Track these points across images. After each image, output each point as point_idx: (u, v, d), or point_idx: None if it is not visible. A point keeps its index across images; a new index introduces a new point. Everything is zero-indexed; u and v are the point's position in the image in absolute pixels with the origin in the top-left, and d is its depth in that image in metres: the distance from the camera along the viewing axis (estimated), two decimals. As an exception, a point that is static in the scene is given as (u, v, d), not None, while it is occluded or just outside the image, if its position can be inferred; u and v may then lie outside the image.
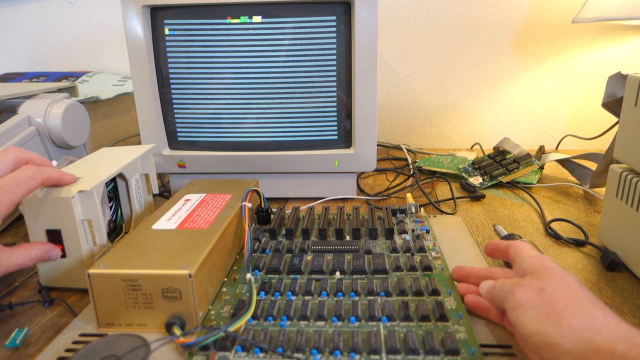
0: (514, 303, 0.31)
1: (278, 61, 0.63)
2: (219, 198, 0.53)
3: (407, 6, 0.98)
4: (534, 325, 0.29)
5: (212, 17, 0.61)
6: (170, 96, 0.65)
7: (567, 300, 0.30)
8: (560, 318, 0.28)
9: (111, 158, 0.55)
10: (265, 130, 0.66)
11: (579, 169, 0.75)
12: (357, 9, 0.58)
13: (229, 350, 0.34)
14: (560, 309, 0.29)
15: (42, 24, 1.09)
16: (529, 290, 0.31)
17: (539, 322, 0.29)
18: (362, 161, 0.65)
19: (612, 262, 0.47)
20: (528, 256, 0.36)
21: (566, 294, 0.30)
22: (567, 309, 0.29)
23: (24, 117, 0.60)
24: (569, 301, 0.29)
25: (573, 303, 0.29)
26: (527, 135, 1.04)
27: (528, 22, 0.96)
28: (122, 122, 0.93)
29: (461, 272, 0.43)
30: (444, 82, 1.02)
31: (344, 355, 0.33)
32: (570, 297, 0.30)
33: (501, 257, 0.42)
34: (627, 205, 0.46)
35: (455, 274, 0.43)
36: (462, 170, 0.78)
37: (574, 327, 0.28)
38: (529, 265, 0.35)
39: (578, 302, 0.29)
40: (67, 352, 0.35)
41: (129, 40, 0.62)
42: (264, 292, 0.41)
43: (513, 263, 0.38)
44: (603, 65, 0.96)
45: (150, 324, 0.37)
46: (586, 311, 0.29)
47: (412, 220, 0.57)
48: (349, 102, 0.63)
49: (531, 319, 0.30)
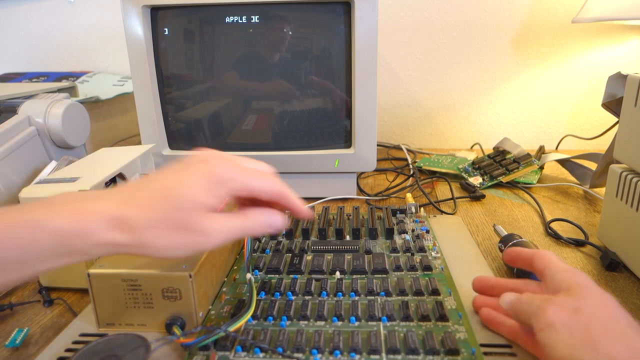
0: (545, 322, 0.29)
1: (278, 61, 0.63)
2: (219, 198, 0.53)
3: (407, 6, 0.97)
4: (566, 349, 0.27)
5: (212, 17, 0.61)
6: (170, 96, 0.65)
7: (605, 325, 0.27)
8: (598, 344, 0.26)
9: (111, 158, 0.55)
10: (265, 130, 0.66)
11: (579, 169, 0.75)
12: (357, 9, 0.58)
13: (229, 350, 0.34)
14: (597, 334, 0.26)
15: (42, 24, 1.09)
16: (562, 309, 0.28)
17: (572, 346, 0.26)
18: (362, 161, 0.65)
19: (612, 262, 0.47)
20: (561, 270, 0.33)
21: (605, 318, 0.28)
22: (606, 335, 0.26)
23: (24, 117, 0.60)
24: (607, 326, 0.27)
25: (612, 329, 0.27)
26: (527, 135, 1.04)
27: (528, 22, 0.96)
28: (122, 122, 0.93)
29: (483, 283, 0.39)
30: (444, 82, 1.02)
31: (344, 355, 0.33)
32: (609, 322, 0.27)
33: (524, 267, 0.39)
34: (627, 205, 0.46)
35: (476, 285, 0.39)
36: (462, 170, 0.78)
37: (613, 356, 0.25)
38: (562, 281, 0.32)
39: (618, 327, 0.27)
40: (67, 352, 0.35)
41: (129, 40, 0.62)
42: (264, 292, 0.41)
43: (541, 276, 0.35)
44: (603, 65, 0.96)
45: (150, 324, 0.37)
46: (627, 339, 0.26)
47: (412, 220, 0.57)
48: (349, 102, 0.63)
49: (563, 342, 0.27)
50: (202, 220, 0.30)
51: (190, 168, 0.31)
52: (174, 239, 0.29)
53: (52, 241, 0.27)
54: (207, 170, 0.30)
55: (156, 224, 0.29)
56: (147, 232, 0.28)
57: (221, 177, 0.31)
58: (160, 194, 0.29)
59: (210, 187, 0.30)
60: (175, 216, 0.29)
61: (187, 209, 0.29)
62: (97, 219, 0.28)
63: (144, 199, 0.29)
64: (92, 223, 0.28)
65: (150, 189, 0.30)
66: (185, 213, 0.29)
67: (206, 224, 0.30)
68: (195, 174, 0.30)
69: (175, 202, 0.29)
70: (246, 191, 0.32)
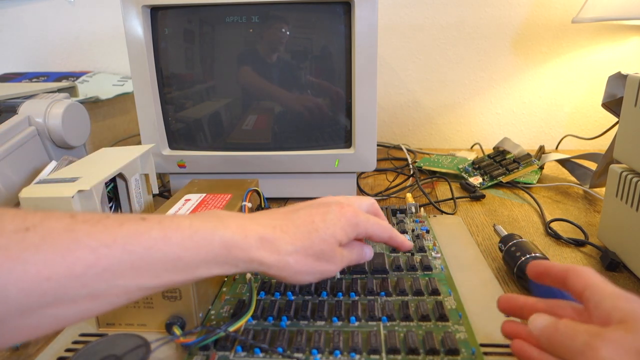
0: None
1: (278, 61, 0.63)
2: (219, 198, 0.53)
3: (407, 6, 0.97)
4: None
5: (212, 17, 0.61)
6: (170, 96, 0.65)
7: None
8: None
9: (111, 158, 0.54)
10: (265, 130, 0.66)
11: (579, 169, 0.75)
12: (357, 9, 0.58)
13: (229, 350, 0.34)
14: None
15: (42, 24, 1.09)
16: (619, 348, 0.23)
17: None
18: (362, 161, 0.65)
19: (612, 262, 0.47)
20: (610, 294, 0.27)
21: None
22: None
23: (24, 117, 0.60)
24: None
25: None
26: (527, 135, 1.04)
27: (528, 22, 0.96)
28: (122, 122, 0.93)
29: (512, 303, 0.33)
30: (444, 82, 1.02)
31: (344, 355, 0.33)
32: None
33: (554, 284, 0.32)
34: (627, 205, 0.46)
35: (503, 305, 0.33)
36: (462, 170, 0.78)
37: None
38: (614, 310, 0.26)
39: None
40: (67, 352, 0.35)
41: (129, 40, 0.62)
42: (264, 292, 0.41)
43: (580, 298, 0.29)
44: (603, 65, 0.96)
45: (150, 324, 0.37)
46: None
47: (412, 220, 0.57)
48: (349, 102, 0.63)
49: None
50: (334, 252, 0.35)
51: (331, 207, 0.36)
52: (310, 265, 0.34)
53: (219, 249, 0.30)
54: (344, 214, 0.36)
55: (300, 250, 0.33)
56: (290, 257, 0.32)
57: (355, 223, 0.36)
58: (307, 226, 0.34)
59: (345, 228, 0.35)
60: (317, 247, 0.34)
61: (327, 242, 0.34)
62: (256, 236, 0.32)
63: (293, 228, 0.33)
64: (252, 239, 0.31)
65: (298, 219, 0.34)
66: (325, 245, 0.34)
67: (337, 255, 0.35)
68: (335, 214, 0.35)
69: (319, 235, 0.34)
70: (367, 235, 0.38)
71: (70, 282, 0.25)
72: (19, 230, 0.24)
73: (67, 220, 0.26)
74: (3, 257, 0.23)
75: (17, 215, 0.25)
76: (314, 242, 0.33)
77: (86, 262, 0.25)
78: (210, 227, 0.30)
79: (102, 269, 0.25)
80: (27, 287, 0.23)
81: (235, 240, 0.30)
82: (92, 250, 0.25)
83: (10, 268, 0.23)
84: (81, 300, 0.25)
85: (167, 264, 0.28)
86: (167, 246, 0.28)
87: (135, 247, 0.27)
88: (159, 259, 0.27)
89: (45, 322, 0.25)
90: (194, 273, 0.29)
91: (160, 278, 0.28)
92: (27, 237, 0.24)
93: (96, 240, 0.26)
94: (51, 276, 0.24)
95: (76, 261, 0.25)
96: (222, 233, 0.30)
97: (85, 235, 0.26)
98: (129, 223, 0.27)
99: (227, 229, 0.31)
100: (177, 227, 0.29)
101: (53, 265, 0.24)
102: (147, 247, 0.27)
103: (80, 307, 0.26)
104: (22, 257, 0.23)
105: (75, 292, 0.25)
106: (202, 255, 0.29)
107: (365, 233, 0.37)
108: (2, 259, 0.23)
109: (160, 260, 0.28)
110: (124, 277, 0.26)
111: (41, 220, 0.25)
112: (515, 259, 0.44)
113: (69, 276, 0.24)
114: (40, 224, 0.25)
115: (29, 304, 0.24)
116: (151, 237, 0.27)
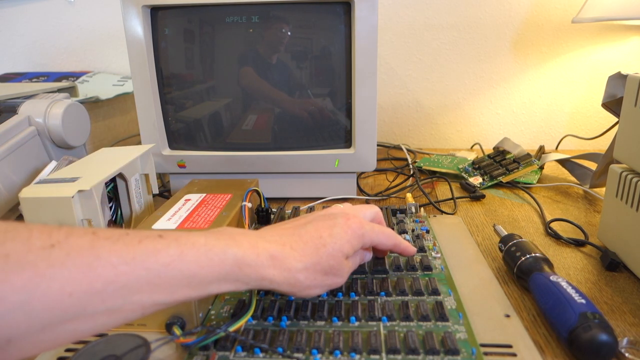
0: None
1: (277, 61, 0.63)
2: (219, 198, 0.53)
3: (407, 6, 0.97)
4: None
5: (212, 17, 0.61)
6: (170, 96, 0.65)
7: None
8: None
9: (111, 158, 0.55)
10: (265, 130, 0.66)
11: (579, 169, 0.75)
12: (357, 9, 0.58)
13: (229, 350, 0.34)
14: None
15: (42, 24, 1.09)
16: None
17: None
18: (362, 161, 0.65)
19: (612, 262, 0.47)
20: None
21: None
22: None
23: (24, 117, 0.60)
24: None
25: None
26: (527, 135, 1.04)
27: (528, 22, 0.96)
28: (122, 122, 0.93)
29: None
30: (444, 82, 1.02)
31: (344, 355, 0.33)
32: None
33: None
34: (627, 205, 0.46)
35: None
36: (462, 170, 0.78)
37: None
38: None
39: None
40: (67, 352, 0.35)
41: (129, 40, 0.62)
42: (264, 292, 0.41)
43: None
44: (603, 65, 0.96)
45: (150, 324, 0.37)
46: None
47: (412, 220, 0.57)
48: (349, 102, 0.63)
49: None
50: (342, 266, 0.36)
51: (337, 220, 0.37)
52: (319, 280, 0.35)
53: (231, 267, 0.31)
54: (350, 226, 0.37)
55: (309, 266, 0.34)
56: (300, 274, 0.33)
57: (360, 235, 0.37)
58: (315, 241, 0.35)
59: (352, 240, 0.36)
60: (325, 262, 0.35)
61: (335, 257, 0.35)
62: (267, 254, 0.32)
63: (302, 244, 0.34)
64: (263, 258, 0.32)
65: (306, 234, 0.35)
66: (333, 260, 0.35)
67: (344, 268, 0.36)
68: (342, 227, 0.36)
69: (326, 250, 0.35)
70: (372, 244, 0.39)
71: (91, 298, 0.25)
72: (45, 247, 0.25)
73: (90, 237, 0.27)
74: (31, 273, 0.24)
75: (43, 231, 0.26)
76: (322, 258, 0.34)
77: (106, 279, 0.26)
78: (222, 245, 0.31)
79: (120, 285, 0.26)
80: (50, 303, 0.24)
81: (247, 259, 0.31)
82: (112, 267, 0.26)
83: (37, 284, 0.24)
84: (98, 316, 0.26)
85: (182, 280, 0.29)
86: (183, 263, 0.29)
87: (153, 264, 0.28)
88: (174, 276, 0.28)
89: (63, 337, 0.26)
90: (206, 289, 0.30)
91: (175, 294, 0.29)
92: (52, 253, 0.25)
93: (117, 257, 0.26)
94: (73, 292, 0.25)
95: (97, 278, 0.25)
96: (234, 251, 0.31)
97: (107, 252, 0.26)
98: (147, 240, 0.28)
99: (240, 247, 0.31)
100: (193, 245, 0.30)
101: (75, 281, 0.25)
102: (164, 265, 0.28)
103: (96, 322, 0.26)
104: (47, 273, 0.24)
105: (94, 308, 0.26)
106: (216, 272, 0.30)
107: (371, 243, 0.39)
108: (30, 275, 0.24)
109: (176, 277, 0.28)
110: (140, 293, 0.27)
111: (66, 237, 0.26)
112: (515, 259, 0.44)
113: (89, 292, 0.25)
114: (65, 240, 0.26)
115: (50, 319, 0.24)
116: (168, 254, 0.28)
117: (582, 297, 0.35)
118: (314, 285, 0.35)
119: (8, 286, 0.23)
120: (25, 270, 0.24)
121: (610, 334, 0.32)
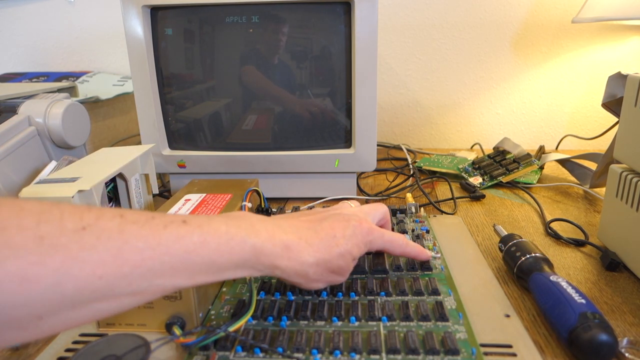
0: None
1: (277, 61, 0.63)
2: (219, 198, 0.53)
3: (407, 6, 0.98)
4: None
5: (212, 17, 0.61)
6: (170, 96, 0.65)
7: None
8: None
9: (111, 158, 0.55)
10: (265, 130, 0.66)
11: (579, 169, 0.75)
12: (357, 9, 0.58)
13: (229, 350, 0.34)
14: None
15: (42, 24, 1.09)
16: None
17: None
18: (362, 161, 0.65)
19: (612, 262, 0.47)
20: None
21: None
22: None
23: (24, 117, 0.60)
24: None
25: None
26: (527, 135, 1.04)
27: (528, 22, 0.96)
28: (122, 122, 0.93)
29: None
30: (444, 82, 1.02)
31: (344, 355, 0.33)
32: None
33: None
34: (627, 205, 0.46)
35: None
36: (462, 170, 0.78)
37: None
38: None
39: None
40: (67, 352, 0.35)
41: (129, 40, 0.62)
42: (264, 292, 0.41)
43: None
44: (603, 65, 0.96)
45: (150, 324, 0.37)
46: None
47: (412, 220, 0.57)
48: (349, 102, 0.63)
49: None
50: (349, 266, 0.37)
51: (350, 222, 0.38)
52: (324, 276, 0.36)
53: (248, 255, 0.32)
54: (361, 230, 0.38)
55: (320, 263, 0.35)
56: (310, 268, 0.35)
57: (370, 240, 0.39)
58: (330, 240, 0.36)
59: (360, 245, 0.38)
60: (335, 262, 0.36)
61: (344, 258, 0.36)
62: (282, 244, 0.33)
63: (317, 240, 0.35)
64: (278, 248, 0.33)
65: (322, 231, 0.36)
66: (342, 261, 0.36)
67: (349, 269, 0.38)
68: (354, 230, 0.37)
69: (338, 250, 0.36)
70: (381, 249, 0.41)
71: (118, 281, 0.26)
72: (77, 230, 0.26)
73: (118, 220, 0.28)
74: (64, 256, 0.25)
75: (74, 212, 0.27)
76: (333, 257, 0.36)
77: (133, 263, 0.27)
78: (243, 235, 0.32)
79: (146, 269, 0.27)
80: (81, 285, 0.25)
81: (264, 249, 0.32)
82: (139, 251, 0.27)
83: (69, 266, 0.25)
84: (123, 297, 0.27)
85: (202, 266, 0.30)
86: (205, 251, 0.30)
87: (177, 250, 0.29)
88: (195, 262, 0.29)
89: (90, 315, 0.27)
90: (223, 275, 0.31)
91: (194, 279, 0.30)
92: (84, 236, 0.26)
93: (143, 242, 0.28)
94: (103, 275, 0.26)
95: (125, 262, 0.27)
96: (254, 241, 0.32)
97: (134, 237, 0.27)
98: (172, 226, 0.29)
99: (259, 237, 0.32)
100: (215, 233, 0.31)
101: (105, 265, 0.26)
102: (188, 251, 0.29)
103: (121, 302, 0.28)
104: (79, 256, 0.25)
105: (121, 290, 0.27)
106: (235, 260, 0.31)
107: (377, 249, 0.41)
108: (62, 258, 0.25)
109: (197, 264, 0.30)
110: (163, 277, 0.28)
111: (96, 220, 0.27)
112: (515, 259, 0.44)
113: (117, 275, 0.26)
114: (95, 223, 0.27)
115: (80, 299, 0.25)
116: (192, 241, 0.29)
117: (582, 297, 0.35)
118: (319, 279, 0.36)
119: (43, 268, 0.24)
120: (59, 252, 0.25)
121: (610, 334, 0.32)
